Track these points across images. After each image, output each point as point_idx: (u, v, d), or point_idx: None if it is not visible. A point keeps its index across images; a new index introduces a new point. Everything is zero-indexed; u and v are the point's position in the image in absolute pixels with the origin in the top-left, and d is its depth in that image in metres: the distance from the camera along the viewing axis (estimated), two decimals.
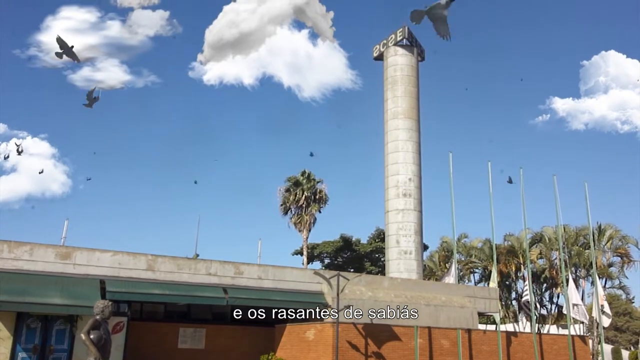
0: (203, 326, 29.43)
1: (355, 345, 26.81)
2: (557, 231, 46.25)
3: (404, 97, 50.37)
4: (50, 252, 25.58)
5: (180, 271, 28.09)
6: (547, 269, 58.35)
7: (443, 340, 29.71)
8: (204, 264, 28.97)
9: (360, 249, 75.58)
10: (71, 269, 25.69)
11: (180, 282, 27.74)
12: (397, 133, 49.17)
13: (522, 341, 32.94)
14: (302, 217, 61.03)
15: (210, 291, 27.99)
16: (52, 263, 25.43)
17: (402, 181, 47.51)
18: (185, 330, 28.91)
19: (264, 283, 29.82)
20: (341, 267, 72.20)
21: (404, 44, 52.33)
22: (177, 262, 28.37)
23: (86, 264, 26.08)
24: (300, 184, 62.22)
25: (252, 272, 29.86)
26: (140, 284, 26.62)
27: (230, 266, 29.42)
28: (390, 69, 51.91)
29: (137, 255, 27.49)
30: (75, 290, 24.27)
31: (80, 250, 26.31)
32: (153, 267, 27.54)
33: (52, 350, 23.70)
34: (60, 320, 24.06)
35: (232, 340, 29.60)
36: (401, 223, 46.53)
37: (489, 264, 58.47)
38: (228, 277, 29.08)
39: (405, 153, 48.44)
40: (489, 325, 57.11)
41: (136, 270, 27.13)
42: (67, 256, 25.80)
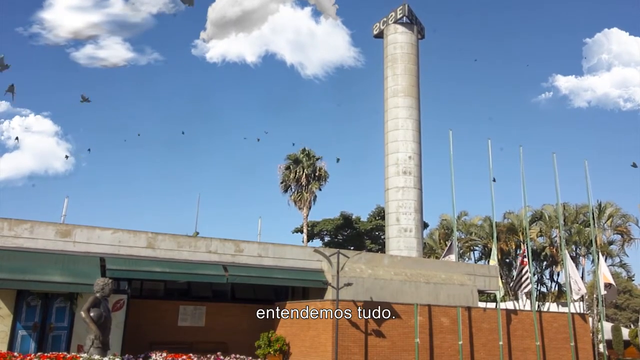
0: (203, 304, 29.47)
1: (355, 322, 26.86)
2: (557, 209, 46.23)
3: (403, 75, 50.37)
4: (50, 230, 25.59)
5: (181, 249, 28.11)
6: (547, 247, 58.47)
7: (443, 317, 29.76)
8: (204, 242, 28.99)
9: (360, 227, 75.78)
10: (71, 246, 25.70)
11: (180, 260, 27.78)
12: (397, 111, 49.18)
13: (522, 319, 32.99)
14: (302, 195, 61.13)
15: (211, 269, 28.01)
16: (53, 241, 25.44)
17: (402, 159, 47.56)
18: (186, 307, 28.96)
19: (264, 261, 29.85)
20: (341, 244, 72.41)
21: (404, 22, 52.32)
22: (177, 239, 28.38)
23: (86, 241, 26.09)
24: (300, 161, 62.25)
25: (252, 250, 29.88)
26: (140, 261, 26.64)
27: (231, 244, 29.45)
28: (390, 47, 51.89)
29: (137, 233, 27.51)
30: (76, 268, 24.30)
31: (81, 227, 26.31)
32: (153, 245, 27.56)
33: (53, 328, 23.72)
34: (61, 298, 24.07)
35: (233, 318, 29.65)
36: (401, 201, 46.60)
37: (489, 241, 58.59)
38: (228, 254, 29.11)
39: (405, 131, 48.47)
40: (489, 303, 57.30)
41: (136, 248, 27.15)
42: (67, 234, 25.81)
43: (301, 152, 62.99)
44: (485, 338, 30.84)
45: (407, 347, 27.87)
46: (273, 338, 28.47)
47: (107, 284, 16.96)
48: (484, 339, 30.77)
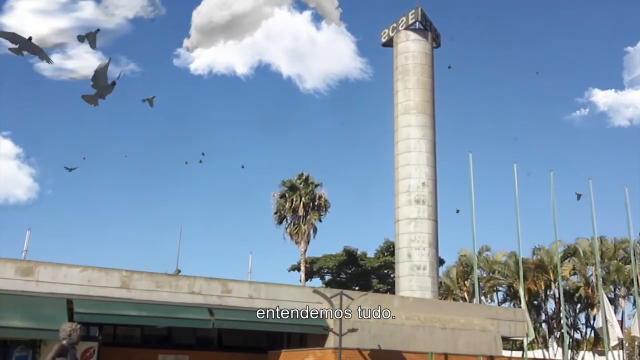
0: (186, 353, 29.47)
1: None
2: (593, 243, 46.31)
3: (416, 89, 50.37)
4: (9, 267, 25.55)
5: (160, 289, 28.09)
6: (581, 287, 58.47)
7: None
8: (186, 281, 28.98)
9: (366, 264, 75.76)
10: (34, 286, 25.66)
11: (159, 302, 27.75)
12: (409, 130, 49.18)
13: None
14: (299, 227, 61.14)
15: (194, 312, 27.98)
16: (12, 280, 25.40)
17: (414, 186, 47.53)
18: (166, 357, 28.96)
19: (255, 303, 29.81)
20: (344, 284, 72.33)
21: (417, 28, 52.27)
22: (156, 279, 28.37)
23: (51, 281, 26.06)
24: (297, 188, 62.32)
25: (242, 291, 29.86)
26: (113, 304, 26.61)
27: (217, 284, 29.43)
28: (400, 57, 51.87)
29: (109, 271, 27.48)
30: (39, 311, 24.28)
31: (44, 265, 26.29)
32: (128, 285, 27.54)
33: None
34: (22, 345, 24.07)
35: None
36: (413, 234, 46.56)
37: (514, 281, 58.57)
38: (214, 296, 29.10)
39: (418, 153, 48.47)
40: (515, 351, 57.22)
41: (108, 289, 27.12)
42: (29, 272, 25.78)
43: (298, 177, 63.11)
44: None
45: None
46: None
47: (75, 329, 16.91)
48: None
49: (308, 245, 61.97)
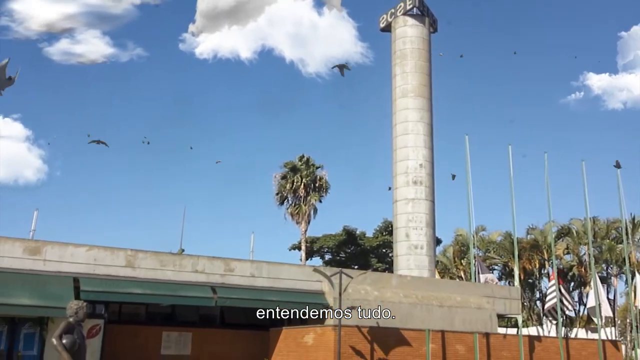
0: (189, 330, 29.47)
1: (360, 350, 26.86)
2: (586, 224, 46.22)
3: (414, 72, 50.23)
4: (17, 247, 25.53)
5: (164, 268, 28.08)
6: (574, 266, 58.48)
7: (458, 345, 29.75)
8: (190, 260, 28.96)
9: (365, 243, 75.78)
10: (41, 265, 25.65)
11: (163, 281, 27.74)
12: (407, 113, 49.05)
13: (546, 346, 32.97)
14: (300, 208, 61.10)
15: (197, 291, 27.99)
16: (20, 259, 25.37)
17: (412, 167, 47.44)
18: (169, 334, 28.95)
19: (257, 281, 29.82)
20: (344, 263, 72.30)
21: (414, 14, 52.09)
22: (160, 258, 28.36)
23: (58, 260, 26.04)
24: (298, 170, 62.25)
25: (244, 270, 29.85)
26: (118, 282, 26.61)
27: (220, 262, 29.42)
28: (399, 42, 51.73)
29: (115, 251, 27.47)
30: (46, 289, 24.27)
31: (52, 244, 26.27)
32: (133, 264, 27.53)
33: (20, 357, 23.76)
34: (29, 323, 24.09)
35: (222, 346, 29.62)
36: (411, 214, 46.50)
37: (509, 260, 58.62)
38: (217, 274, 29.08)
39: (416, 136, 48.36)
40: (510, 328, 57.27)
41: (114, 267, 27.10)
42: (36, 251, 25.76)
43: (299, 159, 63.01)
44: None
45: None
46: None
47: (82, 307, 16.87)
48: None
49: (308, 225, 61.96)
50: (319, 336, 27.37)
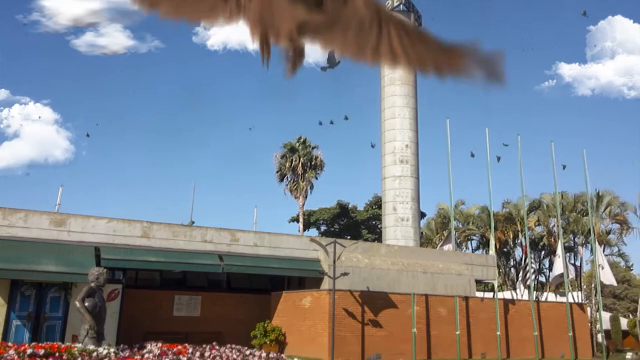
0: (198, 293, 29.58)
1: (352, 312, 26.95)
2: (555, 198, 46.24)
3: None
4: (44, 219, 25.63)
5: (176, 238, 28.16)
6: (545, 236, 58.52)
7: (440, 307, 29.86)
8: (199, 231, 29.04)
9: (357, 216, 75.86)
10: (66, 236, 25.75)
11: (175, 249, 27.83)
12: (394, 99, 49.08)
13: (519, 309, 33.11)
14: (298, 184, 61.03)
15: (206, 258, 28.09)
16: (47, 230, 25.50)
17: (398, 148, 47.46)
18: (181, 297, 29.06)
19: (260, 250, 29.89)
20: (338, 234, 72.45)
21: (401, 9, 52.01)
22: (173, 229, 28.44)
23: (81, 231, 26.14)
24: (296, 150, 62.13)
25: (248, 239, 29.94)
26: (135, 251, 26.71)
27: (226, 233, 29.50)
28: None
29: (132, 222, 27.55)
30: (70, 257, 24.35)
31: (75, 217, 26.36)
32: (148, 234, 27.61)
33: (47, 318, 23.76)
34: (55, 287, 24.11)
35: (228, 308, 29.74)
36: (398, 190, 46.55)
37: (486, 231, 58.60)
38: (224, 244, 29.16)
39: (402, 119, 48.38)
40: (487, 292, 57.40)
41: (131, 238, 27.20)
42: (61, 223, 25.85)
43: (297, 140, 62.90)
44: (482, 328, 30.96)
45: (404, 337, 27.97)
46: (269, 328, 28.56)
47: (102, 273, 16.97)
48: (481, 329, 30.89)
49: (306, 200, 61.87)
50: (315, 299, 27.45)
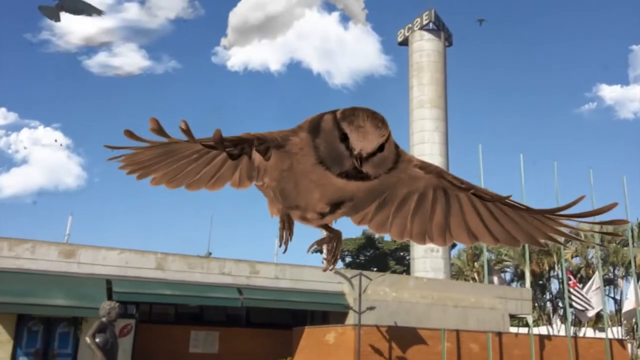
0: (216, 329, 29.35)
1: (379, 349, 26.66)
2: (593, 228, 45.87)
3: (430, 84, 50.24)
4: (53, 250, 25.50)
5: (192, 270, 27.98)
6: (582, 268, 58.07)
7: (472, 344, 29.51)
8: (217, 263, 28.87)
9: (383, 247, 75.56)
10: (75, 268, 25.61)
11: (191, 282, 27.64)
12: (423, 123, 49.05)
13: (556, 345, 32.70)
14: None
15: (224, 292, 27.89)
16: (55, 262, 25.35)
17: None
18: (197, 333, 28.83)
19: (281, 283, 29.67)
20: (364, 266, 72.14)
21: (430, 28, 52.17)
22: (189, 260, 28.27)
23: (91, 262, 26.00)
24: None
25: (268, 272, 29.72)
26: (149, 284, 26.53)
27: (245, 265, 29.31)
28: (415, 55, 51.78)
29: (145, 254, 27.40)
30: (80, 290, 24.20)
31: (85, 248, 26.24)
32: (163, 266, 27.44)
33: (55, 355, 23.63)
34: (64, 322, 24.00)
35: (247, 344, 29.48)
36: None
37: (520, 262, 58.19)
38: (243, 276, 28.97)
39: (432, 144, 48.30)
40: (521, 328, 56.92)
41: (144, 270, 27.04)
42: (71, 254, 25.72)
43: None
44: None
45: None
46: None
47: (114, 307, 16.76)
48: None
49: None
50: (339, 335, 27.20)
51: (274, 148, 2.27)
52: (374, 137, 2.11)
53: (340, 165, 2.13)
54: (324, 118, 2.19)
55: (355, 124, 2.10)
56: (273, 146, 2.27)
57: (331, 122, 2.15)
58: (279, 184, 2.37)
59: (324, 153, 2.15)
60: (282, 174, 2.32)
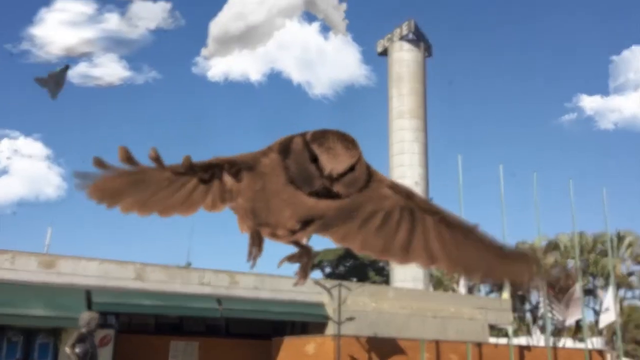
0: (196, 339, 29.41)
1: (358, 359, 26.82)
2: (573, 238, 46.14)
3: (409, 95, 50.45)
4: (32, 261, 25.55)
5: (172, 281, 28.07)
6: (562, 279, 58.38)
7: (451, 354, 29.71)
8: (196, 273, 28.97)
9: (363, 257, 75.62)
10: (55, 278, 25.65)
11: (171, 293, 27.72)
12: (403, 133, 49.26)
13: (536, 355, 32.94)
14: None
15: (203, 302, 27.98)
16: (35, 272, 25.39)
17: (408, 185, 47.42)
18: (177, 343, 28.90)
19: (260, 293, 29.78)
20: (343, 276, 72.12)
21: (410, 39, 52.43)
22: (168, 271, 28.37)
23: (71, 273, 26.05)
24: None
25: (248, 282, 29.83)
26: (128, 294, 26.60)
27: (225, 275, 29.41)
28: (395, 65, 52.02)
29: (125, 264, 27.48)
30: (60, 301, 24.26)
31: (65, 258, 26.30)
32: (142, 277, 27.52)
33: None
34: (44, 333, 24.06)
35: (227, 355, 29.56)
36: None
37: None
38: (222, 287, 29.06)
39: (412, 155, 48.51)
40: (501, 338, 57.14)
41: (124, 280, 27.10)
42: (50, 265, 25.78)
43: None
44: None
45: None
46: None
47: (94, 318, 16.90)
48: None
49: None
50: (319, 346, 27.34)
51: (245, 170, 2.38)
52: (344, 158, 2.21)
53: (310, 184, 2.24)
54: (294, 140, 2.29)
55: (325, 145, 2.20)
56: (244, 168, 2.38)
57: (301, 144, 2.25)
58: (251, 204, 2.46)
59: (294, 173, 2.26)
60: (255, 194, 2.41)
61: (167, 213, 2.47)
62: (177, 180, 2.41)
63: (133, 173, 2.32)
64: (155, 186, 2.42)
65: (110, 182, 2.38)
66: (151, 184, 2.41)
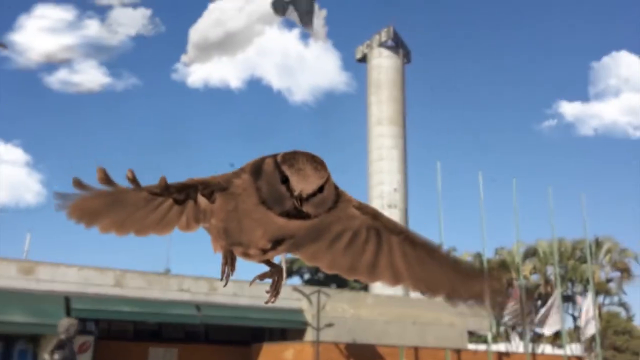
0: (175, 345, 29.50)
1: None
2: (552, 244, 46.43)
3: (388, 101, 50.60)
4: (12, 267, 25.61)
5: (151, 287, 28.17)
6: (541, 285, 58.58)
7: None
8: (175, 280, 29.07)
9: None
10: (34, 284, 25.71)
11: (150, 299, 27.82)
12: (382, 140, 49.40)
13: None
14: None
15: (183, 308, 28.09)
16: (14, 279, 25.45)
17: (387, 191, 47.70)
18: (156, 350, 28.97)
19: (239, 300, 29.90)
20: (322, 282, 72.10)
21: (389, 45, 52.51)
22: (147, 277, 28.45)
23: (50, 279, 26.11)
24: None
25: (227, 289, 29.89)
26: (107, 301, 26.68)
27: (204, 282, 29.51)
28: (374, 72, 52.16)
29: (104, 271, 27.56)
30: (39, 307, 24.33)
31: (44, 264, 26.36)
32: (121, 283, 27.62)
33: None
34: (23, 339, 24.12)
35: None
36: None
37: None
38: (201, 293, 29.17)
39: (391, 161, 48.65)
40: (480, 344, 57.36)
41: (103, 286, 27.18)
42: (29, 271, 25.84)
43: None
44: None
45: None
46: None
47: (73, 324, 16.95)
48: None
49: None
50: (298, 352, 27.48)
51: (218, 191, 2.45)
52: (313, 179, 2.31)
53: (281, 205, 2.33)
54: (265, 161, 2.38)
55: (295, 167, 2.30)
56: (217, 189, 2.45)
57: (272, 165, 2.34)
58: (224, 224, 2.54)
59: (265, 194, 2.36)
60: (227, 215, 2.49)
61: (143, 233, 2.58)
62: (153, 200, 2.49)
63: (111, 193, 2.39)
64: (132, 206, 2.50)
65: (88, 202, 2.45)
66: (128, 204, 2.50)
